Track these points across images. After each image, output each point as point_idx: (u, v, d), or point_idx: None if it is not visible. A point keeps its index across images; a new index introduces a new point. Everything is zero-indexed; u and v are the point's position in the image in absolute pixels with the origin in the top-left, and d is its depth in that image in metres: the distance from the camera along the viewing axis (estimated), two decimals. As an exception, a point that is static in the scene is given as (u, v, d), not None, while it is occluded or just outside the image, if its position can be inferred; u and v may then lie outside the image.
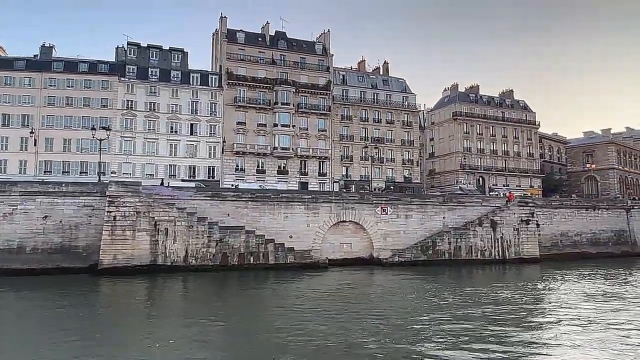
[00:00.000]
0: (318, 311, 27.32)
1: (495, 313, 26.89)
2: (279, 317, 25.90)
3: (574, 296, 33.22)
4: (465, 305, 29.04)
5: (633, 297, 32.39)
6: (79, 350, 19.28)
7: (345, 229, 52.04)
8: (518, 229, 57.38)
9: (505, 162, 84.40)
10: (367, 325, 23.52)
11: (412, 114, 73.75)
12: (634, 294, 34.26)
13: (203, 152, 61.32)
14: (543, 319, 25.88)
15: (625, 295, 33.41)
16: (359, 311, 27.16)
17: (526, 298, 32.58)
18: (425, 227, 54.54)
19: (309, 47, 69.81)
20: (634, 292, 34.87)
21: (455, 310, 27.49)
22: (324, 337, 21.41)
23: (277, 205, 48.99)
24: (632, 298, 32.24)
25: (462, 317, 25.38)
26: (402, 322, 24.54)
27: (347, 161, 68.57)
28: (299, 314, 26.82)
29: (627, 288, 37.46)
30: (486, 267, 52.94)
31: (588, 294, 34.21)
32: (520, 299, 31.92)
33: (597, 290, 35.78)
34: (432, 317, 25.64)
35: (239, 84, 63.71)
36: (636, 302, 30.65)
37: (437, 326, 23.33)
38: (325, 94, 68.07)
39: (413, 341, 20.81)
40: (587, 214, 68.03)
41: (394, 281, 42.76)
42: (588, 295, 33.60)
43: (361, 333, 22.04)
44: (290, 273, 43.91)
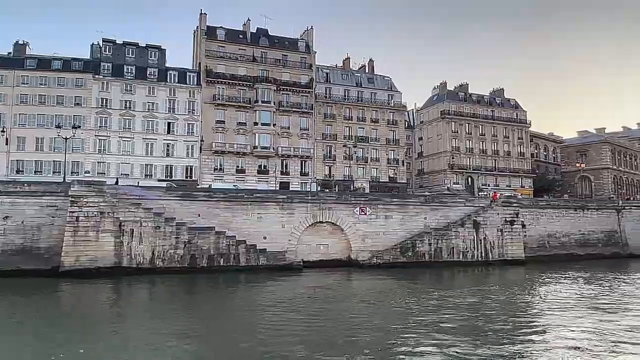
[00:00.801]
0: (291, 316, 26.21)
1: (465, 320, 25.57)
2: (247, 322, 25.00)
3: (555, 301, 31.71)
4: (436, 310, 27.78)
5: (616, 303, 30.73)
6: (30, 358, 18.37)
7: (322, 229, 50.78)
8: (502, 229, 56.03)
9: (495, 161, 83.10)
10: (337, 332, 22.44)
11: (398, 113, 72.49)
12: (618, 299, 32.55)
13: (180, 151, 60.17)
14: (520, 328, 24.13)
15: (609, 300, 31.85)
16: (332, 317, 26.07)
17: (503, 303, 31.18)
18: (406, 228, 53.24)
19: (292, 44, 68.63)
20: (617, 297, 33.17)
21: (422, 316, 26.18)
22: (298, 343, 20.37)
23: (251, 206, 47.76)
24: (615, 304, 30.53)
25: (431, 325, 24.02)
26: (373, 329, 23.37)
27: (330, 161, 67.35)
28: (269, 318, 25.79)
29: (612, 292, 36.02)
30: (468, 269, 51.68)
31: (569, 298, 32.84)
32: (497, 304, 30.63)
33: (579, 294, 34.40)
34: (399, 325, 24.27)
35: (218, 82, 62.56)
36: (620, 308, 28.97)
37: (411, 334, 22.09)
38: (308, 92, 66.88)
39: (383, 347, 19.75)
40: (576, 215, 66.63)
41: (370, 284, 41.53)
42: (569, 299, 32.18)
43: (330, 341, 20.94)
44: (262, 275, 42.70)
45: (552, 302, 31.33)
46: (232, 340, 21.49)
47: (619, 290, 36.86)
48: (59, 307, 30.71)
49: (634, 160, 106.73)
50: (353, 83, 71.31)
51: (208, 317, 26.40)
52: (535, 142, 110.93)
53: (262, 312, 27.75)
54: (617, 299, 32.19)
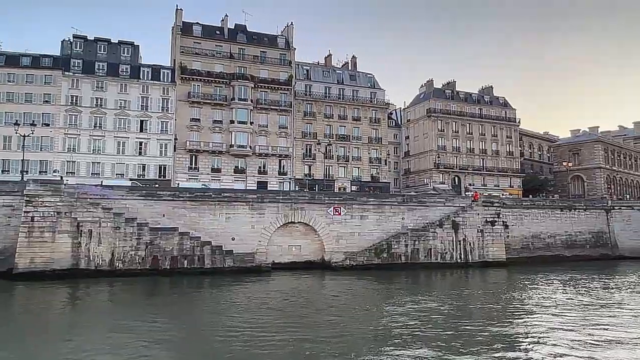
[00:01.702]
0: (253, 323, 25.03)
1: (436, 326, 24.36)
2: (208, 328, 24.14)
3: (532, 306, 30.28)
4: (406, 317, 26.47)
5: (598, 307, 29.26)
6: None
7: (295, 230, 49.50)
8: (482, 230, 54.65)
9: (483, 160, 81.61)
10: (302, 342, 21.23)
11: (381, 110, 71.10)
12: (600, 302, 31.16)
13: (153, 150, 58.87)
14: (496, 336, 22.64)
15: (591, 304, 30.41)
16: (298, 324, 24.88)
17: (477, 308, 29.84)
18: (383, 228, 51.92)
19: (271, 40, 67.32)
20: (600, 301, 31.76)
21: (391, 324, 24.80)
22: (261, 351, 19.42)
23: (219, 206, 46.51)
24: (597, 307, 29.12)
25: (401, 334, 22.72)
26: (341, 337, 22.19)
27: (310, 160, 65.95)
28: (231, 324, 24.70)
29: (592, 296, 34.61)
30: (447, 271, 50.27)
31: (547, 302, 31.56)
32: (471, 309, 29.42)
33: (558, 299, 33.04)
34: (368, 333, 23.14)
35: (194, 79, 61.27)
36: (602, 312, 27.56)
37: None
38: (287, 90, 65.54)
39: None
40: (562, 215, 65.16)
41: (340, 287, 40.25)
42: (547, 304, 30.89)
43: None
44: (229, 278, 41.42)
45: (529, 307, 29.90)
46: (192, 348, 20.73)
47: (600, 294, 35.46)
48: (7, 311, 29.36)
49: (629, 160, 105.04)
50: (334, 80, 69.92)
51: (167, 322, 25.34)
52: (528, 142, 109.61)
53: (225, 318, 26.62)
54: (596, 304, 30.61)
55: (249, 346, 20.54)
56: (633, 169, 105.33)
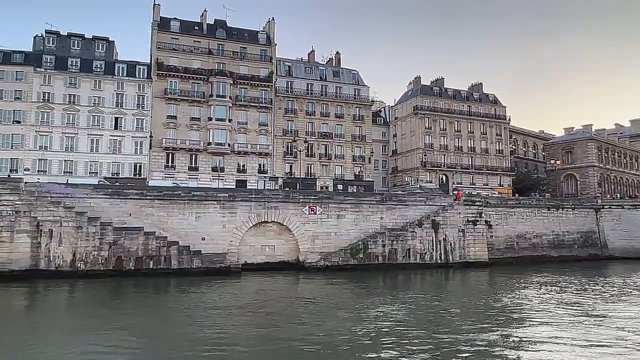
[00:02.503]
0: (220, 326, 24.13)
1: (407, 332, 23.19)
2: (170, 333, 23.23)
3: (510, 310, 28.96)
4: (376, 322, 25.25)
5: (580, 315, 27.46)
6: None
7: (269, 230, 48.33)
8: (464, 230, 53.41)
9: (472, 159, 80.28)
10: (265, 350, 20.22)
11: (365, 107, 69.78)
12: (583, 308, 29.48)
13: (128, 148, 57.72)
14: (470, 342, 21.42)
15: (574, 310, 28.77)
16: (263, 329, 23.94)
17: (449, 312, 28.39)
18: (360, 228, 50.70)
19: (251, 36, 66.08)
20: (583, 306, 30.05)
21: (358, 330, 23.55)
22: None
23: (188, 205, 45.34)
24: (579, 315, 27.39)
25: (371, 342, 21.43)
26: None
27: (291, 158, 64.67)
28: (195, 329, 23.76)
29: (574, 298, 33.41)
30: (426, 272, 49.04)
31: (527, 305, 30.36)
32: (444, 314, 27.96)
33: (539, 302, 31.76)
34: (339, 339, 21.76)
35: (170, 75, 60.14)
36: (584, 321, 25.72)
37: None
38: (267, 86, 64.31)
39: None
40: (549, 214, 63.81)
41: (309, 289, 39.12)
42: (526, 307, 29.68)
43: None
44: (196, 279, 40.24)
45: (508, 311, 28.57)
46: (152, 354, 19.88)
47: (582, 296, 34.17)
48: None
49: (623, 158, 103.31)
50: (317, 77, 68.65)
51: (129, 325, 24.36)
52: (523, 140, 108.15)
53: (189, 321, 25.63)
54: (577, 308, 29.34)
55: (212, 351, 19.75)
56: (628, 167, 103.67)
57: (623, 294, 35.61)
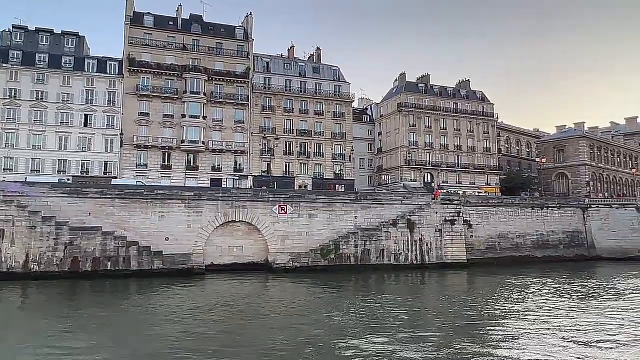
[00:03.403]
0: (177, 332, 22.97)
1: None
2: (124, 338, 22.05)
3: (478, 316, 27.40)
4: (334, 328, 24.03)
5: (548, 320, 25.78)
6: None
7: (237, 230, 47.02)
8: (441, 230, 51.98)
9: (458, 157, 78.74)
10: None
11: (345, 105, 68.31)
12: (557, 312, 28.09)
13: (99, 145, 56.44)
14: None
15: (543, 315, 27.27)
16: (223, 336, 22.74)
17: (420, 316, 27.28)
18: (333, 228, 49.35)
19: (228, 31, 64.74)
20: (557, 309, 28.63)
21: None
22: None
23: (152, 204, 44.09)
24: (548, 317, 26.05)
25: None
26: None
27: (268, 156, 63.24)
28: (152, 334, 22.79)
29: (555, 301, 31.94)
30: (401, 273, 47.62)
31: (499, 311, 28.94)
32: (412, 318, 26.59)
33: (513, 307, 30.25)
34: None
35: (143, 72, 58.82)
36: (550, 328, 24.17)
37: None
38: (244, 82, 62.95)
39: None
40: (534, 214, 62.27)
41: (275, 291, 37.80)
42: (499, 313, 28.28)
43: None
44: (157, 282, 38.87)
45: (478, 317, 27.02)
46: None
47: (561, 300, 32.67)
48: None
49: (617, 157, 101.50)
50: (296, 73, 67.24)
51: (82, 330, 23.31)
52: (516, 139, 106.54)
53: (145, 326, 24.53)
54: (551, 314, 27.73)
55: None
56: (622, 166, 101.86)
57: (600, 296, 34.41)
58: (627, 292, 36.23)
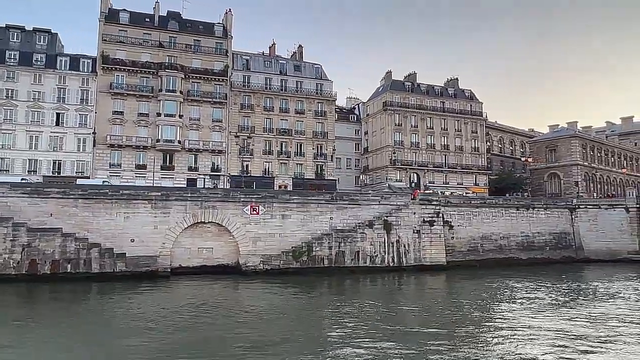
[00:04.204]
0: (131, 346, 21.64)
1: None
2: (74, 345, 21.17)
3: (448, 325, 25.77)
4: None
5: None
6: None
7: (206, 231, 45.84)
8: (419, 231, 50.60)
9: (445, 157, 77.36)
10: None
11: (327, 103, 66.99)
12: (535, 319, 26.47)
13: (71, 145, 55.28)
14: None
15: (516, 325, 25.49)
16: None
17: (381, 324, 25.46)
18: (308, 229, 48.11)
19: (207, 28, 63.48)
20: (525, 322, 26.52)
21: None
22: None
23: (116, 204, 42.92)
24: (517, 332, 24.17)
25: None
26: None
27: (247, 155, 61.91)
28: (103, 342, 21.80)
29: (535, 307, 30.41)
30: (377, 276, 46.43)
31: (473, 318, 27.51)
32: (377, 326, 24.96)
33: (493, 311, 29.09)
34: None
35: (117, 69, 57.63)
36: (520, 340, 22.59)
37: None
38: (222, 80, 61.71)
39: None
40: (518, 214, 60.85)
41: (240, 295, 36.57)
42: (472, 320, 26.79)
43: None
44: (120, 285, 37.62)
45: (452, 324, 25.60)
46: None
47: (541, 305, 31.15)
48: None
49: (611, 157, 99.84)
50: (277, 71, 65.96)
51: (36, 337, 22.40)
52: (510, 138, 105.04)
53: (103, 332, 23.56)
54: (530, 321, 26.19)
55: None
56: (616, 166, 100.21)
57: (586, 300, 33.17)
58: (615, 296, 34.85)
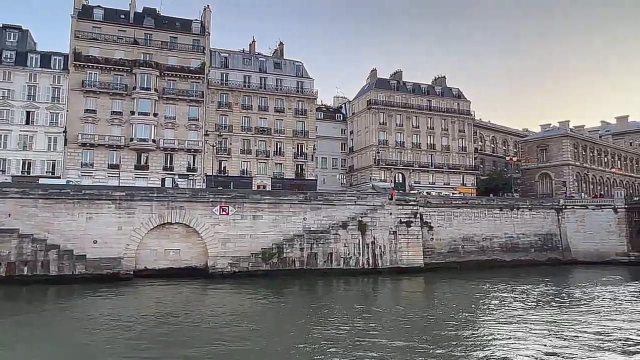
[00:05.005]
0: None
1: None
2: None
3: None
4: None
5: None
6: None
7: (173, 232, 44.62)
8: (395, 232, 49.18)
9: (432, 156, 75.91)
10: None
11: (308, 101, 65.70)
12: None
13: (41, 144, 54.13)
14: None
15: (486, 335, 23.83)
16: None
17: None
18: (280, 229, 46.80)
19: (184, 25, 62.30)
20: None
21: None
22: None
23: (78, 204, 41.71)
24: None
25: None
26: None
27: (225, 155, 60.64)
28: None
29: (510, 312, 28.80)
30: (351, 279, 45.22)
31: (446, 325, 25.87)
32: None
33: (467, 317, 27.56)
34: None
35: (90, 66, 56.52)
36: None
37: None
38: (199, 78, 60.49)
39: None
40: (502, 215, 59.41)
41: (203, 300, 34.98)
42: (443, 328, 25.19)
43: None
44: (79, 288, 36.23)
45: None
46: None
47: (516, 309, 29.70)
48: None
49: (604, 157, 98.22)
50: (256, 68, 64.68)
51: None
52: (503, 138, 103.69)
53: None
54: (509, 328, 24.65)
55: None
56: (609, 166, 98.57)
57: (570, 305, 31.64)
58: (603, 300, 33.34)
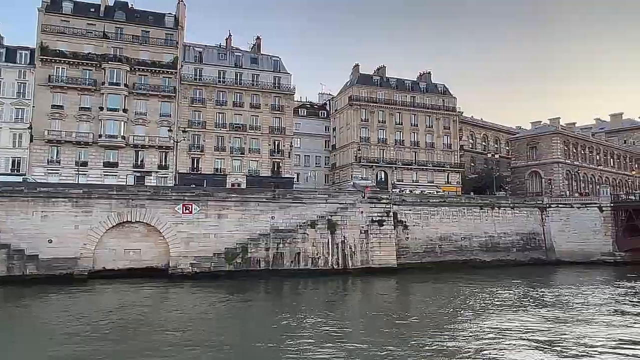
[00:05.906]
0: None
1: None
2: None
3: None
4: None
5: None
6: None
7: (134, 231, 43.30)
8: (367, 231, 47.74)
9: (415, 154, 74.37)
10: None
11: (285, 97, 64.23)
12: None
13: (6, 140, 52.97)
14: None
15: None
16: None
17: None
18: (247, 229, 45.50)
19: (157, 19, 60.99)
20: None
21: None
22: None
23: (32, 202, 40.43)
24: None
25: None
26: None
27: (198, 152, 59.28)
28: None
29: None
30: (318, 279, 43.72)
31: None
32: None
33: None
34: None
35: (57, 61, 55.26)
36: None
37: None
38: (171, 73, 59.24)
39: None
40: (482, 213, 57.92)
41: (158, 304, 33.43)
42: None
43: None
44: (29, 290, 34.83)
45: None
46: None
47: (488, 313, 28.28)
48: None
49: (596, 155, 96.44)
50: (232, 63, 63.31)
51: None
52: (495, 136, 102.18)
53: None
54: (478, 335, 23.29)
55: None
56: (602, 164, 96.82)
57: (552, 308, 30.04)
58: (589, 304, 31.73)
